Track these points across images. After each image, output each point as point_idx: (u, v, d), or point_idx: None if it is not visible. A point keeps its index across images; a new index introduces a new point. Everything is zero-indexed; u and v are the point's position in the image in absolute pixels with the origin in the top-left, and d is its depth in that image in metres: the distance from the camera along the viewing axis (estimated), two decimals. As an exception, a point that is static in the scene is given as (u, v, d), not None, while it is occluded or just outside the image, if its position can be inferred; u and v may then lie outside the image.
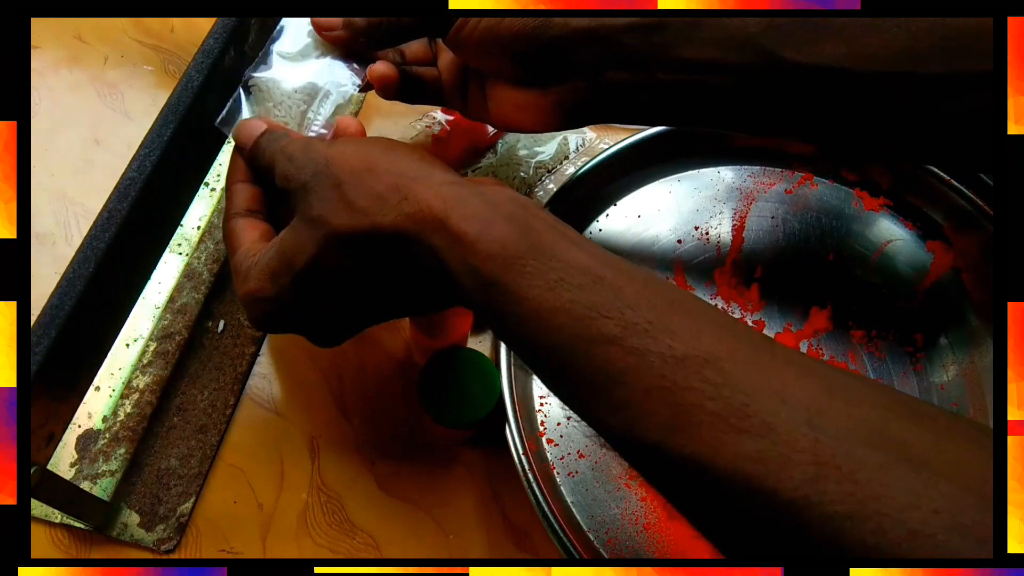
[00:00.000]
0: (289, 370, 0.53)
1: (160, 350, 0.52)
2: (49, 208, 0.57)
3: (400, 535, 0.48)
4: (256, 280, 0.37)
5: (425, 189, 0.33)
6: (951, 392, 0.51)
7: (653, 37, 0.38)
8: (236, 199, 0.41)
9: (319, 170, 0.35)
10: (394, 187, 0.33)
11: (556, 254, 0.31)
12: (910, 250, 0.55)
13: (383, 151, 0.36)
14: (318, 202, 0.35)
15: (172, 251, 0.55)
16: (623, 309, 0.29)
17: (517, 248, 0.31)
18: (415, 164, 0.35)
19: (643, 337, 0.29)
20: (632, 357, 0.29)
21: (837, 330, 0.53)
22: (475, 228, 0.31)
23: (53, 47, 0.64)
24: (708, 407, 0.27)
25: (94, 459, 0.49)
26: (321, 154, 0.36)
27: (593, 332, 0.29)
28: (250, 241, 0.39)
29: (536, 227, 0.32)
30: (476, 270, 0.31)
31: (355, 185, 0.34)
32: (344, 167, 0.35)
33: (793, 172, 0.57)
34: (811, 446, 0.26)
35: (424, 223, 0.32)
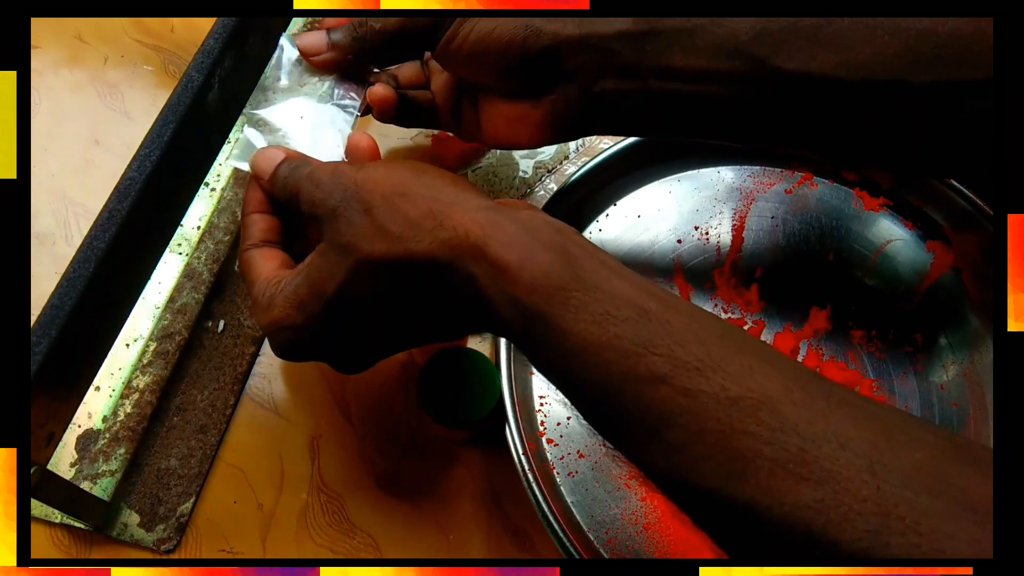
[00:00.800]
0: (289, 370, 0.53)
1: (160, 350, 0.52)
2: (49, 208, 0.57)
3: (400, 535, 0.48)
4: (281, 308, 0.36)
5: (461, 214, 0.32)
6: (951, 392, 0.51)
7: (644, 45, 0.38)
8: (252, 230, 0.40)
9: (348, 195, 0.34)
10: (428, 212, 0.32)
11: (599, 285, 0.30)
12: (910, 250, 0.55)
13: (414, 175, 0.35)
14: (348, 227, 0.34)
15: (172, 251, 0.55)
16: (672, 346, 0.28)
17: (560, 278, 0.30)
18: (449, 188, 0.34)
19: (695, 376, 0.28)
20: (683, 398, 0.28)
21: (837, 330, 0.53)
22: (516, 256, 0.30)
23: (53, 47, 0.64)
24: (766, 452, 0.26)
25: (94, 459, 0.49)
26: (350, 178, 0.35)
27: (642, 370, 0.28)
28: (270, 270, 0.38)
29: (577, 255, 0.31)
30: (518, 300, 0.30)
31: (387, 210, 0.33)
32: (375, 192, 0.34)
33: (793, 172, 0.57)
34: (873, 495, 0.25)
35: (460, 250, 0.31)
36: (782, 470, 0.26)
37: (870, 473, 0.25)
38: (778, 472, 0.26)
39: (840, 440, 0.26)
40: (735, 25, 0.36)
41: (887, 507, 0.25)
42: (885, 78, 0.34)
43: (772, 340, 0.53)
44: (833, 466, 0.26)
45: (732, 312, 0.54)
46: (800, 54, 0.35)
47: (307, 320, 0.35)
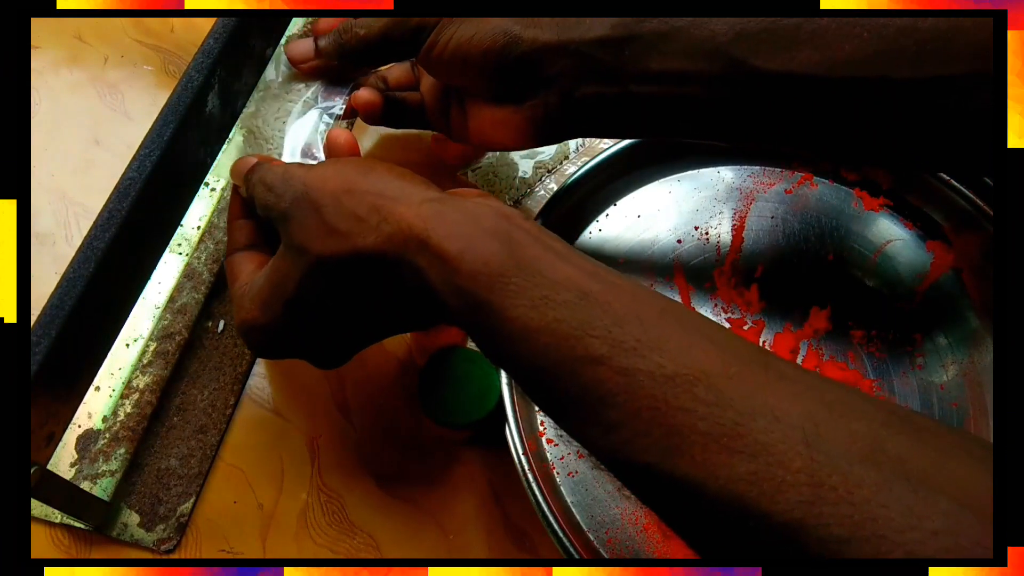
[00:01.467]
0: (289, 370, 0.53)
1: (160, 350, 0.52)
2: (49, 208, 0.57)
3: (400, 535, 0.48)
4: (248, 309, 0.37)
5: (405, 207, 0.32)
6: (951, 392, 0.51)
7: (624, 50, 0.38)
8: (235, 235, 0.41)
9: (298, 196, 0.35)
10: (373, 208, 0.33)
11: (540, 270, 0.30)
12: (910, 250, 0.55)
13: (361, 172, 0.35)
14: (299, 229, 0.35)
15: (172, 251, 0.55)
16: (610, 327, 0.29)
17: (501, 265, 0.30)
18: (394, 183, 0.34)
19: (631, 356, 0.28)
20: (621, 377, 0.28)
21: (837, 330, 0.53)
22: (457, 246, 0.31)
23: (53, 47, 0.64)
24: (700, 427, 0.27)
25: (94, 459, 0.49)
26: (299, 180, 0.36)
27: (579, 352, 0.29)
28: (247, 273, 0.39)
29: (520, 240, 0.31)
30: (460, 289, 0.31)
31: (334, 208, 0.34)
32: (323, 191, 0.34)
33: (793, 172, 0.57)
34: (806, 466, 0.25)
35: (405, 243, 0.32)
36: (715, 444, 0.26)
37: (804, 444, 0.26)
38: (711, 446, 0.26)
39: (775, 413, 0.26)
40: (714, 27, 0.36)
41: (820, 477, 0.25)
42: (868, 75, 0.35)
43: (772, 340, 0.53)
44: (767, 439, 0.26)
45: (732, 312, 0.54)
46: (781, 54, 0.35)
47: (271, 320, 0.36)
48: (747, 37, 0.36)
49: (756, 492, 0.25)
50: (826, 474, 0.25)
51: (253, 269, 0.39)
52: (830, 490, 0.25)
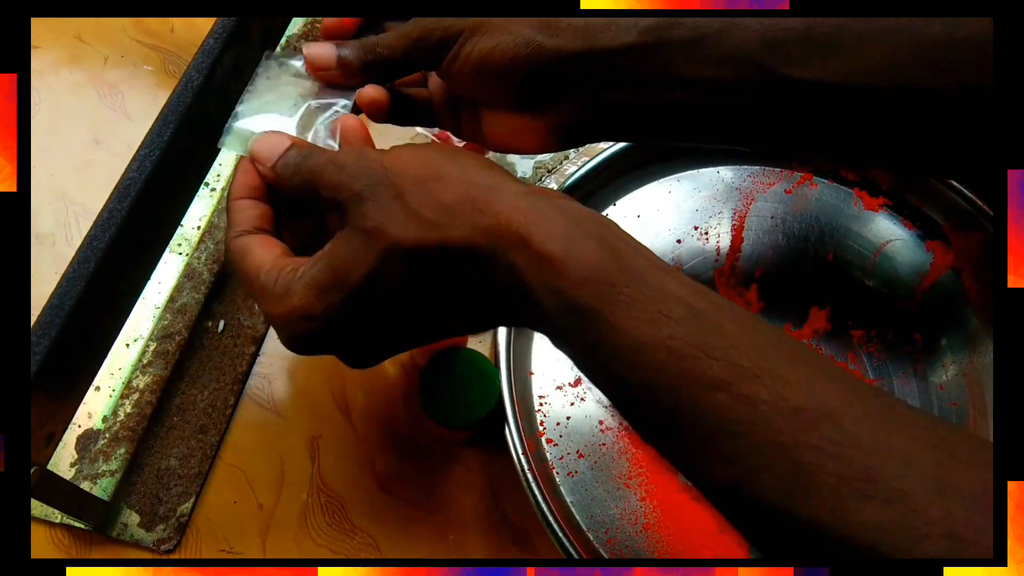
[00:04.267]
0: (289, 370, 0.53)
1: (160, 350, 0.52)
2: (49, 208, 0.57)
3: (400, 535, 0.48)
4: (301, 296, 0.33)
5: (500, 200, 0.30)
6: (951, 392, 0.51)
7: (651, 57, 0.37)
8: (243, 216, 0.37)
9: (377, 178, 0.32)
10: (465, 197, 0.31)
11: (648, 281, 0.29)
12: (910, 250, 0.55)
13: (447, 157, 0.33)
14: (377, 212, 0.32)
15: (172, 251, 0.55)
16: (729, 349, 0.27)
17: (609, 272, 0.29)
18: (484, 172, 0.32)
19: (754, 383, 0.27)
20: (743, 406, 0.26)
21: (836, 330, 0.53)
22: (561, 247, 0.29)
23: (53, 47, 0.64)
24: (829, 467, 0.25)
25: (94, 459, 0.49)
26: (377, 161, 0.33)
27: (698, 374, 0.27)
28: (275, 257, 0.35)
29: (623, 249, 0.30)
30: (563, 294, 0.29)
31: (420, 194, 0.31)
32: (405, 174, 0.32)
33: (793, 172, 0.57)
34: (943, 516, 0.24)
35: (501, 238, 0.30)
36: (847, 487, 0.25)
37: (938, 494, 0.24)
38: (842, 489, 0.25)
39: (906, 458, 0.25)
40: (743, 34, 0.36)
41: (957, 530, 0.24)
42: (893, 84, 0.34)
43: (772, 340, 0.53)
44: (901, 485, 0.25)
45: (732, 312, 0.54)
46: (808, 63, 0.35)
47: (328, 309, 0.33)
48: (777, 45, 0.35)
49: (893, 541, 0.24)
50: (962, 526, 0.24)
51: (277, 255, 0.35)
52: (970, 544, 0.24)
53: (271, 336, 0.54)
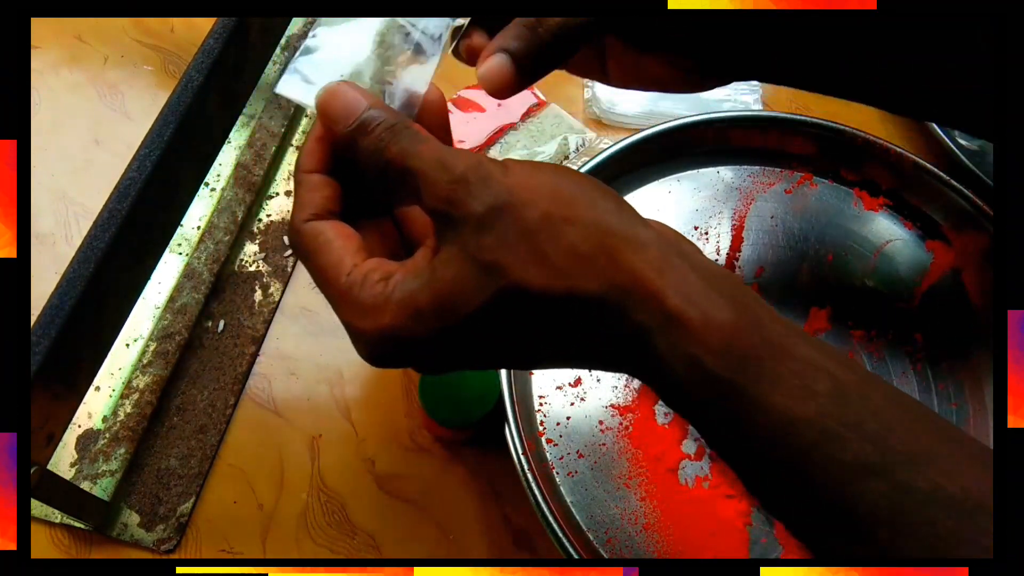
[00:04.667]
0: (289, 370, 0.53)
1: (160, 350, 0.52)
2: (49, 208, 0.57)
3: (400, 535, 0.48)
4: (394, 316, 0.29)
5: (635, 252, 0.28)
6: (951, 392, 0.51)
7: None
8: (314, 195, 0.32)
9: (500, 204, 0.28)
10: (600, 247, 0.28)
11: (793, 352, 0.27)
12: (910, 250, 0.55)
13: (579, 189, 0.29)
14: (500, 247, 0.28)
15: (172, 251, 0.55)
16: (880, 430, 0.26)
17: (749, 341, 0.27)
18: (615, 215, 0.29)
19: (908, 468, 0.25)
20: (898, 494, 0.25)
21: (837, 330, 0.53)
22: (698, 312, 0.27)
23: (53, 47, 0.64)
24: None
25: (94, 459, 0.49)
26: (501, 184, 0.29)
27: (848, 457, 0.26)
28: (355, 253, 0.31)
29: (762, 315, 0.28)
30: (699, 363, 0.27)
31: (551, 236, 0.28)
32: (534, 207, 0.28)
33: (793, 172, 0.57)
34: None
35: (633, 295, 0.28)
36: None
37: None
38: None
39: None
40: None
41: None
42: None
43: (772, 340, 0.53)
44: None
45: (732, 312, 0.54)
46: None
47: (425, 333, 0.29)
48: None
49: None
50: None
51: (354, 250, 0.31)
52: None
53: (271, 336, 0.54)
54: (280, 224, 0.58)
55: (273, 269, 0.56)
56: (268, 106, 0.61)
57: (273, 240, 0.57)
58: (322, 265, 0.31)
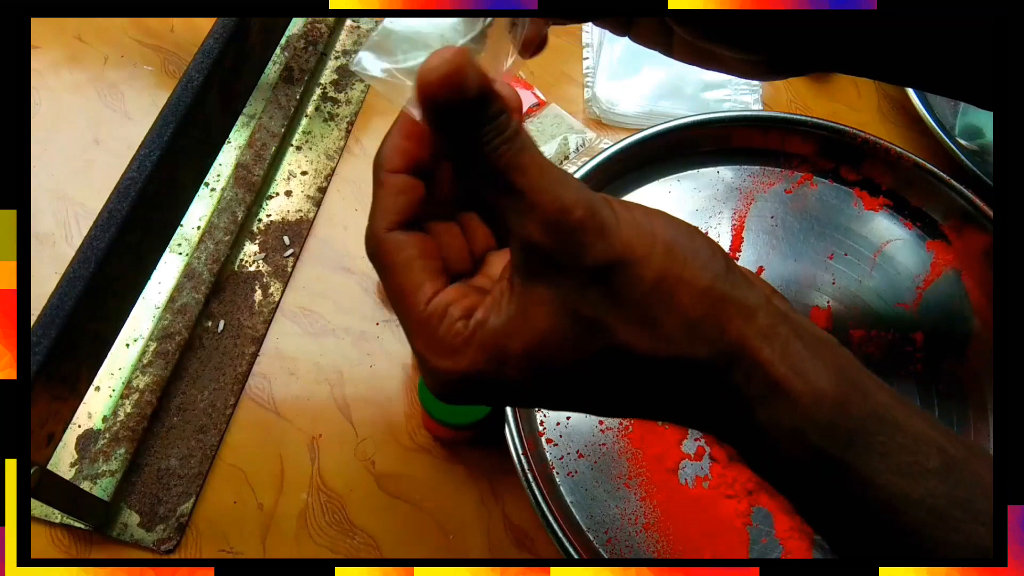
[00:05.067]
0: (289, 370, 0.53)
1: (160, 350, 0.52)
2: (49, 208, 0.57)
3: (400, 535, 0.48)
4: (475, 361, 0.27)
5: (744, 320, 0.27)
6: (951, 392, 0.51)
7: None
8: (398, 201, 0.28)
9: (613, 262, 0.26)
10: (711, 314, 0.27)
11: (902, 425, 0.26)
12: (910, 250, 0.55)
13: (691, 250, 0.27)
14: (607, 306, 0.26)
15: (172, 251, 0.55)
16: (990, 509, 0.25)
17: (857, 412, 0.26)
18: (727, 280, 0.27)
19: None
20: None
21: (837, 330, 0.53)
22: (803, 382, 0.26)
23: (53, 47, 0.64)
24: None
25: (94, 459, 0.49)
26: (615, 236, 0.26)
27: (961, 539, 0.25)
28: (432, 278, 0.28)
29: (866, 384, 0.27)
30: (803, 438, 0.26)
31: (664, 303, 0.26)
32: (650, 271, 0.26)
33: (793, 172, 0.57)
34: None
35: (740, 364, 0.26)
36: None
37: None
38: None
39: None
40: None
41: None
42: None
43: (772, 340, 0.53)
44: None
45: (732, 312, 0.54)
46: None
47: (509, 380, 0.27)
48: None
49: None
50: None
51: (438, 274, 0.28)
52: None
53: (271, 336, 0.54)
54: (280, 224, 0.58)
55: (273, 269, 0.56)
56: (268, 106, 0.61)
57: (273, 240, 0.57)
58: (400, 286, 0.28)
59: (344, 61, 0.65)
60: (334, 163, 0.61)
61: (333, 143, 0.62)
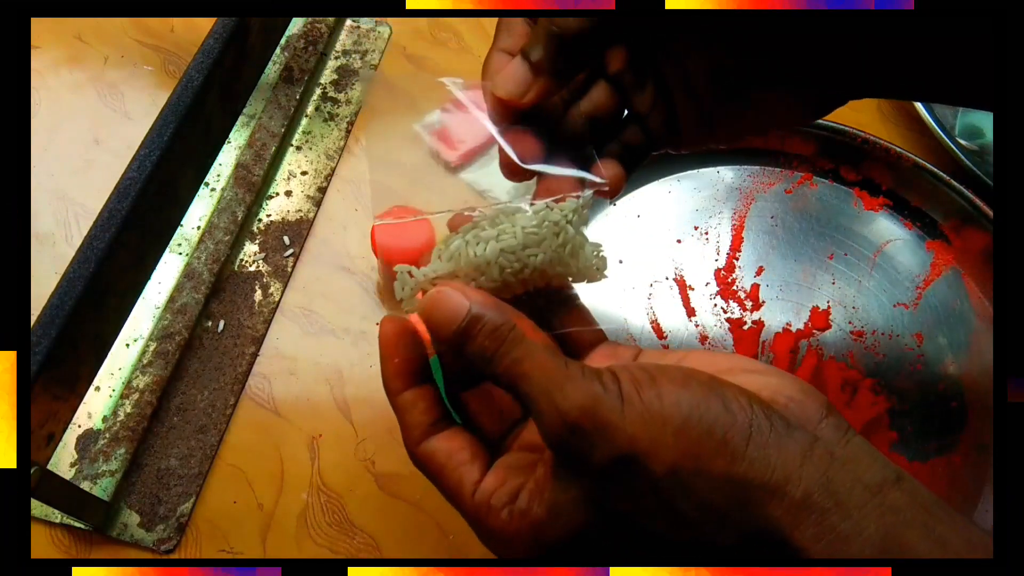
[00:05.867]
0: (289, 370, 0.53)
1: (160, 350, 0.52)
2: (49, 208, 0.57)
3: (400, 535, 0.48)
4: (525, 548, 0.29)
5: (773, 501, 0.25)
6: (951, 392, 0.51)
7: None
8: (415, 415, 0.31)
9: (622, 458, 0.26)
10: (734, 501, 0.26)
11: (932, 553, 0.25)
12: (910, 250, 0.55)
13: (705, 429, 0.26)
14: (629, 500, 0.26)
15: (172, 251, 0.55)
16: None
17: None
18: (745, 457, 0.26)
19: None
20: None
21: (837, 330, 0.53)
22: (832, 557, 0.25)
23: (53, 47, 0.64)
24: None
25: (94, 459, 0.49)
26: (619, 431, 0.26)
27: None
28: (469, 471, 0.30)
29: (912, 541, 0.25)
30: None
31: (682, 494, 0.26)
32: (660, 464, 0.26)
33: (793, 172, 0.57)
34: None
35: (769, 545, 0.25)
36: None
37: None
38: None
39: None
40: None
41: None
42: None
43: (772, 340, 0.53)
44: None
45: (732, 312, 0.54)
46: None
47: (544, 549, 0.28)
48: None
49: None
50: None
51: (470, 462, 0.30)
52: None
53: (271, 336, 0.54)
54: (280, 224, 0.58)
55: (273, 269, 0.56)
56: (268, 106, 0.61)
57: (273, 240, 0.57)
58: (445, 489, 0.31)
59: (344, 61, 0.65)
60: (334, 163, 0.61)
61: (333, 143, 0.62)
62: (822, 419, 0.27)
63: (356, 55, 0.66)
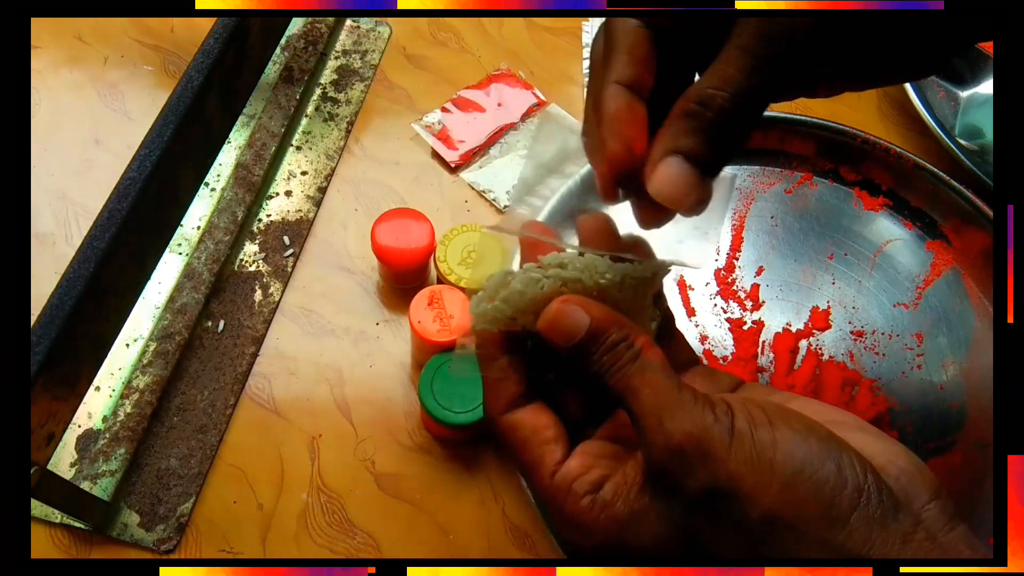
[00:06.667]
0: (289, 370, 0.53)
1: (160, 350, 0.52)
2: (49, 208, 0.57)
3: (400, 535, 0.48)
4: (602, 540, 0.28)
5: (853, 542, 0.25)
6: (951, 392, 0.51)
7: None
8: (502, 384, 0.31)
9: (717, 490, 0.26)
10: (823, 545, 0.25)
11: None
12: (910, 250, 0.55)
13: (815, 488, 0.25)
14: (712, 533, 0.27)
15: (172, 251, 0.55)
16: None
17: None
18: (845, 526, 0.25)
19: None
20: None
21: (837, 330, 0.53)
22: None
23: (53, 47, 0.64)
24: None
25: (94, 459, 0.49)
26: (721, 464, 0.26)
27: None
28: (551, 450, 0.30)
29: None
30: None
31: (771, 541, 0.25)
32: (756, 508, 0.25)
33: (793, 172, 0.57)
34: None
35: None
36: None
37: None
38: None
39: None
40: None
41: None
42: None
43: (772, 340, 0.53)
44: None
45: (732, 312, 0.54)
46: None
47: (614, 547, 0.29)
48: None
49: None
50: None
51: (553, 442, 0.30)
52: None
53: (271, 336, 0.54)
54: (280, 224, 0.58)
55: (273, 269, 0.56)
56: (268, 106, 0.61)
57: (273, 240, 0.57)
58: (523, 464, 0.30)
59: (344, 61, 0.65)
60: (334, 163, 0.61)
61: (333, 143, 0.62)
62: (931, 500, 0.26)
63: (356, 55, 0.66)
